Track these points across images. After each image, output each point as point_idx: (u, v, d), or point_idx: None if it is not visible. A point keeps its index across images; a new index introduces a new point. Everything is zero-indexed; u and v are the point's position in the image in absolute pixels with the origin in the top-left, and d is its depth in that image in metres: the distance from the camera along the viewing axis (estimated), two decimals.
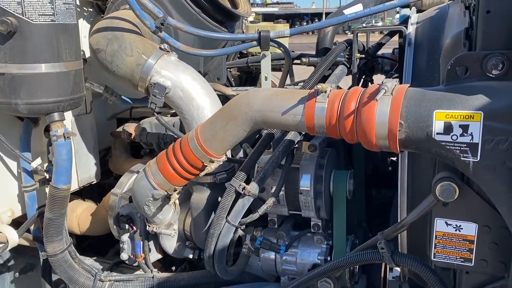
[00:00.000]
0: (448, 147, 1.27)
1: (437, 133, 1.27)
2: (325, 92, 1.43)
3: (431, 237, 1.48)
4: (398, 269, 3.07)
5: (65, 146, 1.78)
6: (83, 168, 2.46)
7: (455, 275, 1.56)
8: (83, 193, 2.85)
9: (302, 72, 2.97)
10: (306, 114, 1.46)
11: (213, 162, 1.71)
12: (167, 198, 1.92)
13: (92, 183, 2.60)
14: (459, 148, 1.26)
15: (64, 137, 1.76)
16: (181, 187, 1.84)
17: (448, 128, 1.25)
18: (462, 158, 1.26)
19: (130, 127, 2.58)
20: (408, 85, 1.38)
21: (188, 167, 1.73)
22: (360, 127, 1.37)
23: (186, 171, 1.75)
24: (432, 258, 1.48)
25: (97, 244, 2.92)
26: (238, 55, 3.49)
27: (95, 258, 2.51)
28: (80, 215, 2.58)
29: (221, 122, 1.64)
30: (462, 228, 1.41)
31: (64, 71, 1.73)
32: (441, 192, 1.34)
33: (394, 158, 2.91)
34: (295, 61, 2.74)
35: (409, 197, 1.73)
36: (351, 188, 1.93)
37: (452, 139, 1.26)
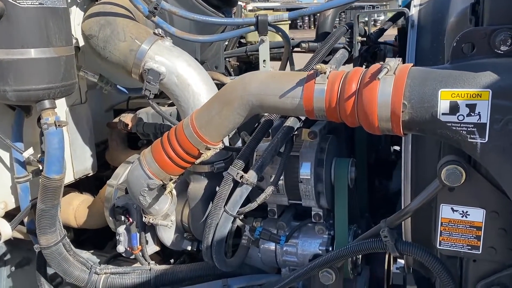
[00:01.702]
0: (454, 128, 1.20)
1: (443, 114, 1.20)
2: (325, 73, 1.37)
3: (436, 224, 1.42)
4: (402, 260, 3.03)
5: (57, 135, 1.72)
6: (79, 160, 2.40)
7: (462, 264, 1.49)
8: (81, 186, 2.80)
9: (302, 61, 2.90)
10: (304, 96, 1.40)
11: (209, 149, 1.65)
12: (163, 188, 1.86)
13: (89, 175, 2.54)
14: (466, 128, 1.19)
15: (56, 125, 1.70)
16: (177, 177, 1.78)
17: (454, 108, 1.19)
18: (469, 140, 1.20)
19: (127, 118, 2.52)
20: (412, 64, 1.31)
21: (183, 155, 1.67)
22: (362, 109, 1.30)
23: (182, 159, 1.69)
24: (438, 246, 1.42)
25: (95, 238, 2.87)
26: (237, 45, 3.43)
27: (92, 251, 2.46)
28: (77, 208, 2.52)
29: (217, 107, 1.57)
30: (469, 214, 1.35)
31: (54, 56, 1.67)
32: (446, 176, 1.28)
33: (397, 148, 2.84)
34: (295, 49, 2.67)
35: (413, 183, 1.67)
36: (353, 176, 1.87)
37: (459, 120, 1.19)
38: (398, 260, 3.07)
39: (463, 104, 1.18)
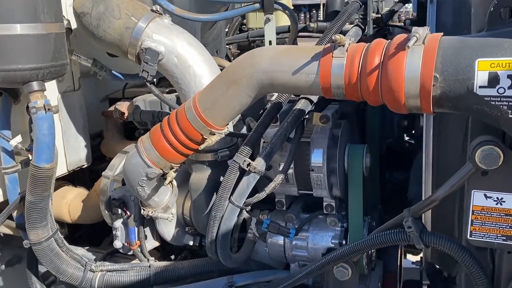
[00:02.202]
0: (493, 102, 1.07)
1: (480, 87, 1.07)
2: (343, 45, 1.23)
3: (466, 213, 1.29)
4: (413, 256, 2.91)
5: (46, 120, 1.57)
6: (72, 150, 2.26)
7: (493, 256, 1.36)
8: (75, 179, 2.66)
9: None
10: (321, 72, 1.26)
11: (214, 134, 1.51)
12: (162, 178, 1.72)
13: (83, 167, 2.40)
14: (507, 103, 1.06)
15: (45, 109, 1.55)
16: (179, 165, 1.64)
17: (493, 80, 1.05)
18: (510, 116, 1.06)
19: (123, 106, 2.38)
20: (441, 34, 1.17)
21: (185, 141, 1.53)
22: (386, 85, 1.17)
23: (184, 146, 1.55)
24: (468, 237, 1.28)
25: (91, 234, 2.73)
26: (238, 31, 3.28)
27: (87, 247, 2.32)
28: (71, 202, 2.38)
29: (222, 88, 1.43)
30: (504, 201, 1.22)
31: (43, 33, 1.52)
32: (482, 158, 1.14)
33: (409, 139, 2.71)
34: (300, 34, 2.52)
35: (434, 170, 1.54)
36: (368, 164, 1.74)
37: (499, 93, 1.06)
38: (408, 254, 2.96)
39: (504, 75, 1.04)
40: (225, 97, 1.43)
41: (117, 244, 1.92)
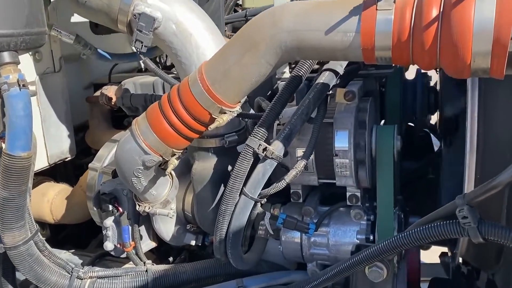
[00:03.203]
0: None
1: None
2: None
3: None
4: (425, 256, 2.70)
5: (21, 98, 1.30)
6: (54, 141, 1.99)
7: None
8: (58, 175, 2.40)
9: None
10: (362, 29, 1.02)
11: (225, 113, 1.26)
12: (161, 168, 1.47)
13: (66, 160, 2.12)
14: None
15: (19, 85, 1.28)
16: (181, 151, 1.39)
17: None
18: None
19: (110, 90, 2.12)
20: None
21: (190, 121, 1.28)
22: (448, 41, 0.94)
23: (188, 127, 1.30)
24: None
25: (77, 235, 2.47)
26: (233, 12, 3.03)
27: (72, 251, 2.05)
28: (53, 200, 2.13)
29: (236, 55, 1.19)
30: None
31: None
32: None
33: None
34: None
35: (479, 150, 1.33)
36: (399, 147, 1.51)
37: None
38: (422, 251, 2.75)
39: None
40: (239, 67, 1.18)
41: (108, 245, 1.66)
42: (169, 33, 1.44)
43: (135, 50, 1.43)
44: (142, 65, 2.72)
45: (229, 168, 1.56)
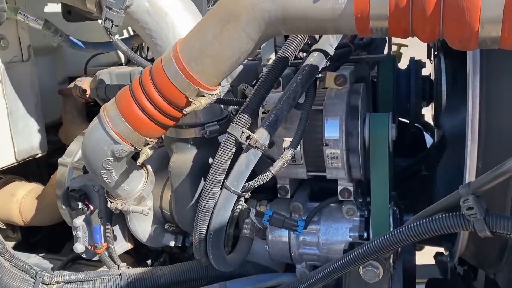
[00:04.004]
0: None
1: None
2: None
3: None
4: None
5: None
6: (22, 136, 1.85)
7: None
8: (30, 175, 2.25)
9: None
10: None
11: (203, 96, 1.13)
12: (134, 160, 1.34)
13: (37, 157, 1.98)
14: None
15: None
16: (155, 140, 1.26)
17: None
18: None
19: (84, 82, 1.98)
20: None
21: (164, 106, 1.15)
22: (453, 4, 0.82)
23: (162, 113, 1.17)
24: None
25: (51, 239, 2.32)
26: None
27: (43, 254, 1.90)
28: (22, 200, 1.98)
29: (214, 29, 1.06)
30: None
31: None
32: None
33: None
34: None
35: (481, 142, 1.23)
36: (394, 136, 1.39)
37: None
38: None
39: None
40: (218, 42, 1.06)
41: (79, 247, 1.52)
42: (142, 12, 1.31)
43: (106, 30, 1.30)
44: (123, 59, 2.59)
45: (210, 160, 1.43)
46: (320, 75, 1.32)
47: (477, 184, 1.01)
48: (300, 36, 1.24)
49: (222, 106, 1.49)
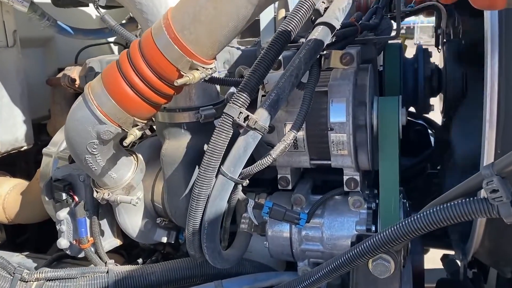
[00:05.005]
0: None
1: None
2: None
3: None
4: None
5: None
6: (6, 126, 1.75)
7: None
8: (17, 170, 2.14)
9: None
10: None
11: (197, 69, 1.03)
12: (122, 146, 1.23)
13: (23, 151, 1.87)
14: None
15: None
16: (145, 121, 1.15)
17: None
18: None
19: (73, 71, 1.88)
20: None
21: (154, 81, 1.05)
22: None
23: (152, 89, 1.06)
24: None
25: (38, 238, 2.20)
26: None
27: (27, 253, 1.78)
28: (5, 196, 1.88)
29: None
30: None
31: None
32: None
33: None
34: None
35: (499, 126, 1.13)
36: (405, 121, 1.29)
37: None
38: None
39: None
40: (213, 7, 0.96)
41: (63, 242, 1.40)
42: None
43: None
44: (116, 52, 2.49)
45: (205, 147, 1.32)
46: (325, 52, 1.21)
47: (502, 163, 0.90)
48: (303, 9, 1.13)
49: (218, 89, 1.39)
